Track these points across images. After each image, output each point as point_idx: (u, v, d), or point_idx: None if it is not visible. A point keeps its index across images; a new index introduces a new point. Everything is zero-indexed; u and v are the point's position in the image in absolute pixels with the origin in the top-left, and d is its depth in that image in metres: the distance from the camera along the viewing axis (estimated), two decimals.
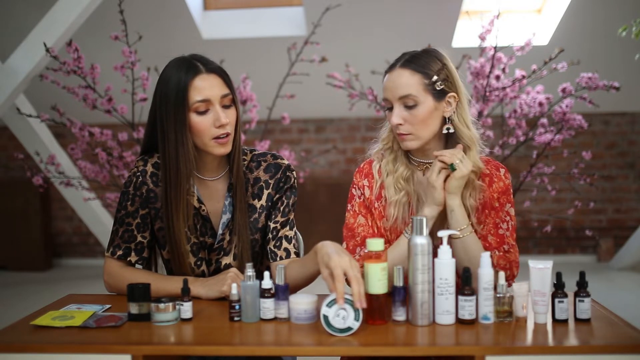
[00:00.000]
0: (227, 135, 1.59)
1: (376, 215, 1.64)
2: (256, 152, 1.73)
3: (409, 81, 1.56)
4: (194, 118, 1.56)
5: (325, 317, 1.28)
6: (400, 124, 1.57)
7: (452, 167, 1.54)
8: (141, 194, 1.67)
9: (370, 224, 1.64)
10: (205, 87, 1.56)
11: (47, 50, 3.26)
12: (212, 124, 1.57)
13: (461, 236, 1.54)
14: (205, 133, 1.57)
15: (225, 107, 1.60)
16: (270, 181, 1.69)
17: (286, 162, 1.71)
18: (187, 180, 1.60)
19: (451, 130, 1.59)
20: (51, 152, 4.21)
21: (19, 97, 3.97)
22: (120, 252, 1.65)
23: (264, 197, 1.69)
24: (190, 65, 1.57)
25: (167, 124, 1.57)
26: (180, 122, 1.56)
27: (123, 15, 3.23)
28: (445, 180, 1.55)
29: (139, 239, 1.67)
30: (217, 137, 1.58)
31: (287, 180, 1.70)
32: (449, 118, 1.59)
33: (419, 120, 1.56)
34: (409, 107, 1.56)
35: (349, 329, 1.28)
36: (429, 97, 1.56)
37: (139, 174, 1.67)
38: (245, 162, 1.70)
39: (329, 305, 1.29)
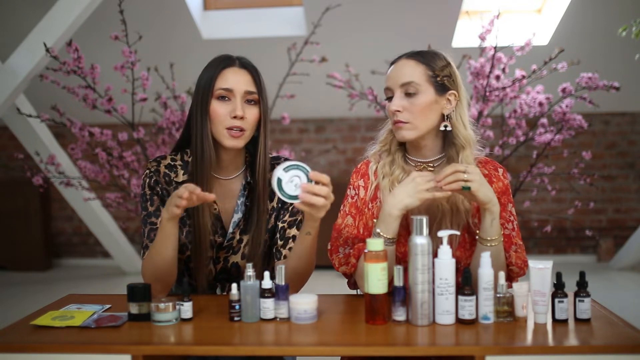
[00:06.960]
0: (241, 130, 1.61)
1: (368, 217, 1.64)
2: (270, 155, 1.76)
3: (413, 70, 1.57)
4: (213, 104, 1.61)
5: (279, 180, 1.36)
6: (399, 111, 1.57)
7: (466, 189, 1.45)
8: (157, 192, 1.68)
9: (356, 224, 1.64)
10: (231, 78, 1.61)
11: (47, 50, 3.26)
12: (228, 114, 1.60)
13: (492, 245, 1.49)
14: (219, 120, 1.60)
15: (248, 102, 1.63)
16: None
17: None
18: (211, 167, 1.62)
19: (448, 128, 1.59)
20: (51, 152, 4.21)
21: (19, 97, 3.97)
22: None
23: (276, 198, 1.71)
24: (226, 58, 1.65)
25: (196, 110, 1.63)
26: (204, 108, 1.61)
27: (123, 15, 3.23)
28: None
29: None
30: (230, 128, 1.60)
31: None
32: (447, 116, 1.60)
33: (418, 109, 1.56)
34: (409, 95, 1.56)
35: (296, 197, 1.37)
36: (431, 88, 1.57)
37: (151, 174, 1.68)
38: None
39: (286, 169, 1.37)
